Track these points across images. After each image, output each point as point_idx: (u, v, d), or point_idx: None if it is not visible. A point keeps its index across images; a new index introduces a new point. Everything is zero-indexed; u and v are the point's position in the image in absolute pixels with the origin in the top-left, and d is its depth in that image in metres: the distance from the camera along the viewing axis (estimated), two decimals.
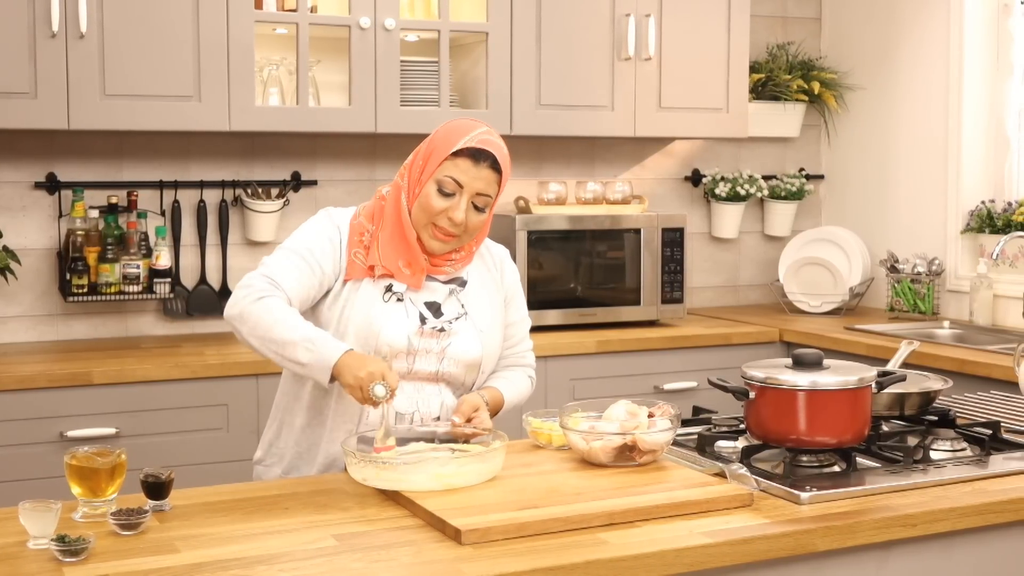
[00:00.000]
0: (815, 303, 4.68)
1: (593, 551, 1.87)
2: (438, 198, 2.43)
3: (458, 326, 2.52)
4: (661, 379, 4.10)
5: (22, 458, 3.32)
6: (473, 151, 2.43)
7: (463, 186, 2.43)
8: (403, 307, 2.47)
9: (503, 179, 2.48)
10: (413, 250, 2.48)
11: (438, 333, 2.50)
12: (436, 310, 2.51)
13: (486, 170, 2.44)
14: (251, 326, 2.35)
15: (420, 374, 2.50)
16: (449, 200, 2.43)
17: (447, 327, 2.51)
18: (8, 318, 3.88)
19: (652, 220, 4.31)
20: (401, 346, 2.46)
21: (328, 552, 1.87)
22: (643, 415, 2.34)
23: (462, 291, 2.55)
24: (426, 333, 2.48)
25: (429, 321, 2.49)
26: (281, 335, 2.32)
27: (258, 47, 3.86)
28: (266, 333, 2.33)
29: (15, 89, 3.49)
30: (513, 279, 2.68)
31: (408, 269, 2.48)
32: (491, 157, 2.44)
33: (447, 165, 2.43)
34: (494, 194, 2.48)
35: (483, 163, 2.43)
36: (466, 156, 2.43)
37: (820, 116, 5.09)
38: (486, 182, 2.44)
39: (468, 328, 2.53)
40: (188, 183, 4.03)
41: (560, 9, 4.16)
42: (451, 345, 2.50)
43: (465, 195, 2.43)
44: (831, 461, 2.32)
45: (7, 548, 1.89)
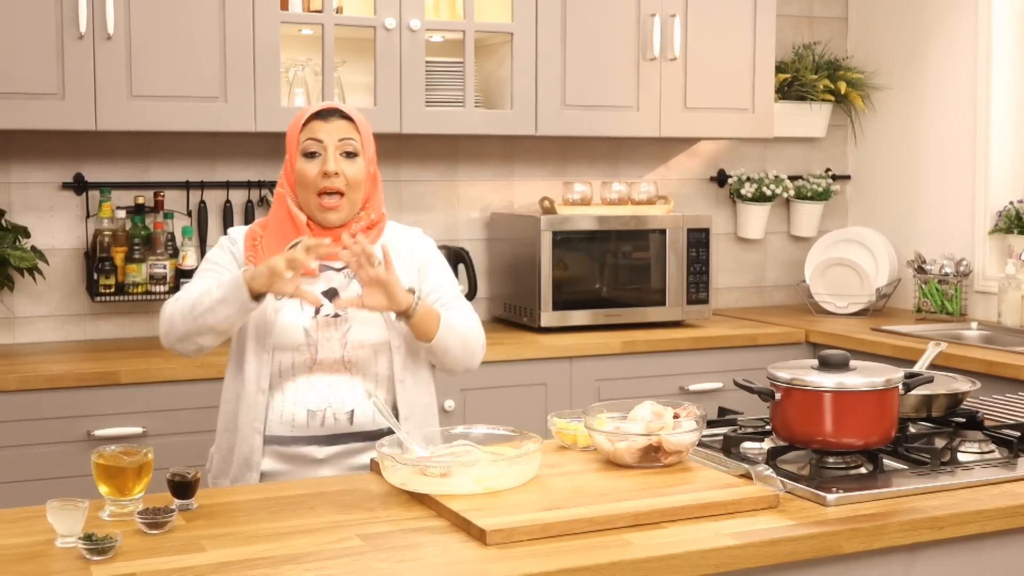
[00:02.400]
0: (841, 304, 4.65)
1: (618, 552, 1.87)
2: (308, 163, 2.53)
3: (356, 309, 2.51)
4: (686, 380, 4.09)
5: (50, 457, 3.34)
6: (317, 113, 2.56)
7: (322, 141, 2.52)
8: (297, 301, 2.50)
9: (359, 126, 2.56)
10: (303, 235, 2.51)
11: (334, 320, 2.52)
12: (332, 295, 2.53)
13: (337, 121, 2.54)
14: (175, 321, 2.47)
15: (325, 364, 2.51)
16: (317, 159, 2.52)
17: (342, 312, 2.52)
18: (36, 318, 3.91)
19: (677, 221, 4.30)
20: (298, 339, 2.50)
21: (353, 552, 1.88)
22: (668, 416, 2.34)
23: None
24: (322, 322, 2.51)
25: (324, 308, 2.51)
26: (192, 302, 2.44)
27: (284, 48, 3.87)
28: (185, 313, 2.44)
29: (43, 90, 3.51)
30: (425, 251, 2.68)
31: None
32: (336, 111, 2.56)
33: (303, 137, 2.54)
34: (357, 139, 2.55)
35: (331, 118, 2.55)
36: (313, 119, 2.55)
37: (847, 116, 5.07)
38: (343, 129, 2.54)
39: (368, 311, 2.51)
40: (214, 183, 4.05)
41: (585, 9, 4.15)
42: (351, 330, 2.52)
43: (329, 147, 2.52)
44: (858, 463, 2.31)
45: (35, 546, 1.90)
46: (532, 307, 4.15)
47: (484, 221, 4.48)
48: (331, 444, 2.52)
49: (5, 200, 3.84)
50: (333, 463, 2.53)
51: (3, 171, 3.85)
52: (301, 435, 2.51)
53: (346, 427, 2.53)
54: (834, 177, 5.03)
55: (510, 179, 4.51)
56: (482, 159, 4.47)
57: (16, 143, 3.85)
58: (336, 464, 2.53)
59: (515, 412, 3.76)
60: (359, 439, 2.54)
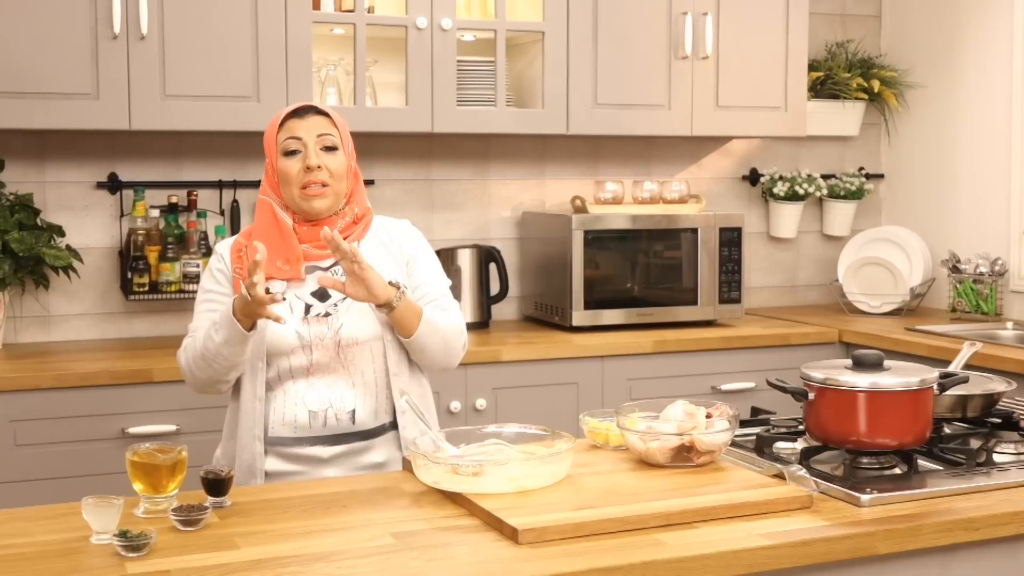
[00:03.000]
0: (875, 303, 4.63)
1: (650, 552, 1.86)
2: (289, 161, 2.56)
3: (346, 306, 2.54)
4: (718, 379, 4.08)
5: (85, 454, 3.36)
6: (291, 112, 2.59)
7: (302, 138, 2.55)
8: (286, 305, 2.52)
9: (336, 121, 2.59)
10: (288, 241, 2.55)
11: (325, 318, 2.53)
12: (322, 296, 2.55)
13: (312, 116, 2.57)
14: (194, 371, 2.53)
15: (322, 364, 2.52)
16: (298, 156, 2.55)
17: (333, 310, 2.53)
18: (71, 316, 3.94)
19: (709, 220, 4.28)
20: (292, 342, 2.51)
21: (386, 550, 1.88)
22: (701, 416, 2.33)
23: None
24: (313, 321, 2.52)
25: (314, 308, 2.52)
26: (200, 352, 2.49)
27: (316, 48, 3.88)
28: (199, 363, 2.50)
29: (77, 90, 3.54)
30: (413, 244, 2.69)
31: (286, 265, 2.55)
32: (310, 108, 2.59)
33: (281, 134, 2.57)
34: (336, 133, 2.57)
35: (306, 115, 2.57)
36: (289, 118, 2.58)
37: (880, 114, 5.03)
38: (321, 125, 2.56)
39: (358, 305, 2.52)
40: (247, 183, 4.06)
41: (617, 8, 4.14)
42: (343, 326, 2.53)
43: (309, 143, 2.54)
44: (892, 463, 2.30)
45: (70, 543, 1.92)
46: (563, 306, 4.15)
47: (515, 220, 4.48)
48: (335, 444, 2.53)
49: (40, 199, 3.87)
50: (338, 462, 2.54)
51: (38, 171, 3.88)
52: (304, 436, 2.53)
53: (348, 426, 2.54)
54: (867, 176, 5.00)
55: (541, 178, 4.51)
56: (513, 158, 4.47)
57: (51, 143, 3.89)
58: (342, 463, 2.54)
59: (546, 411, 3.76)
60: (362, 437, 2.55)
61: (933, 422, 2.33)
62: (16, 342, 3.85)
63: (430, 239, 4.24)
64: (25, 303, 3.88)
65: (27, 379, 3.33)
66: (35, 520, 2.04)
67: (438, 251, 4.12)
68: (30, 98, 3.50)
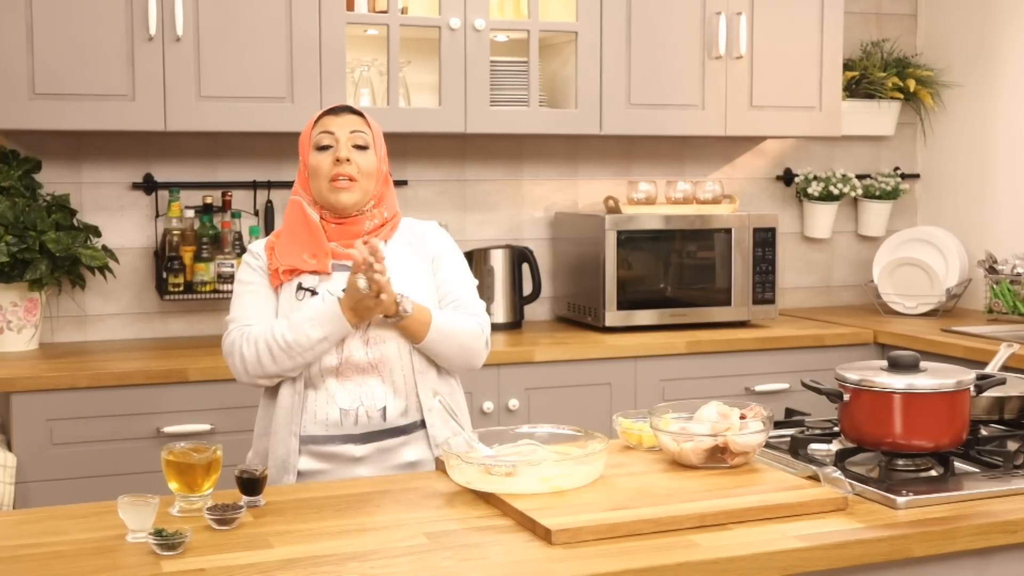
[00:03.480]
0: (910, 304, 4.59)
1: (684, 553, 1.86)
2: (321, 155, 2.60)
3: None
4: (752, 380, 4.06)
5: (120, 453, 3.39)
6: (328, 110, 2.65)
7: (335, 133, 2.60)
8: (318, 299, 2.54)
9: (370, 122, 2.63)
10: (316, 236, 2.58)
11: None
12: None
13: (347, 115, 2.63)
14: (262, 361, 2.51)
15: (352, 363, 2.53)
16: (329, 151, 2.59)
17: None
18: (107, 316, 3.96)
19: (743, 220, 4.27)
20: None
21: (419, 550, 1.88)
22: (735, 417, 2.32)
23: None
24: None
25: None
26: (288, 343, 2.49)
27: (349, 48, 3.89)
28: (279, 355, 2.50)
29: (114, 91, 3.56)
30: (438, 242, 2.71)
31: (313, 259, 2.58)
32: (347, 107, 2.66)
33: (315, 132, 2.62)
34: (368, 133, 2.61)
35: (342, 113, 2.63)
36: (325, 115, 2.64)
37: (916, 114, 5.00)
38: (354, 123, 2.61)
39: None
40: (281, 183, 4.08)
41: (650, 8, 4.13)
42: (371, 325, 2.55)
43: (341, 139, 2.59)
44: (928, 465, 2.28)
45: (107, 541, 1.93)
46: (596, 307, 4.14)
47: (548, 220, 4.48)
48: (367, 442, 2.55)
49: (77, 200, 3.90)
50: (370, 461, 2.55)
51: (75, 171, 3.91)
52: (336, 434, 2.54)
53: (379, 424, 2.55)
54: (903, 176, 4.97)
55: (574, 178, 4.51)
56: (546, 158, 4.47)
57: (87, 144, 3.92)
58: (374, 462, 2.55)
59: (579, 412, 3.75)
60: (394, 435, 2.57)
61: (970, 424, 2.31)
62: (53, 342, 3.89)
63: (463, 239, 4.29)
64: (62, 303, 3.91)
65: (63, 378, 3.36)
66: (71, 518, 2.06)
67: (470, 251, 4.13)
68: (67, 100, 3.53)
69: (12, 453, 3.25)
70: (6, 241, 3.57)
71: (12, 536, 1.98)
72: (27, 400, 3.31)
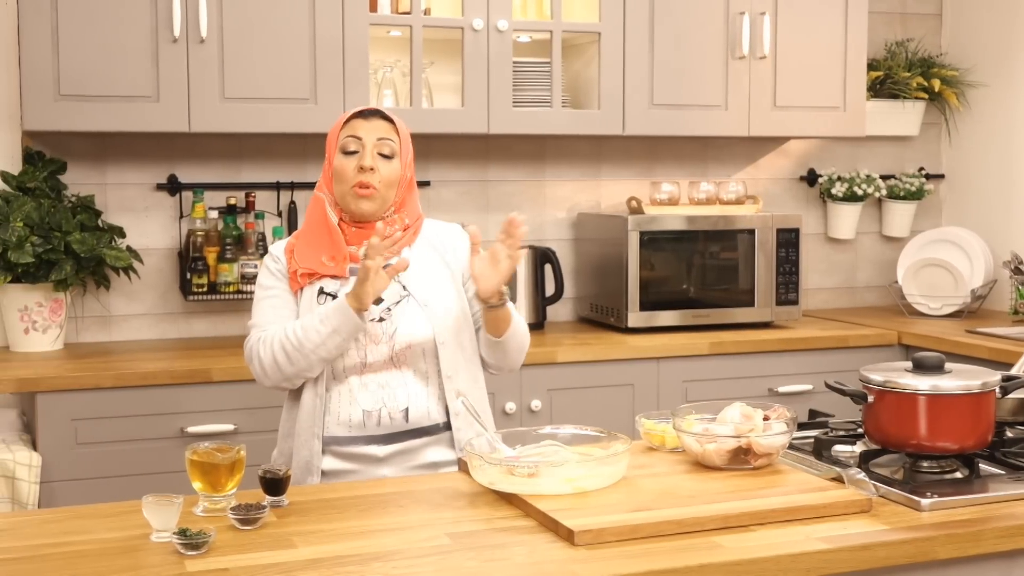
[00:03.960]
0: (935, 305, 4.57)
1: (707, 554, 1.85)
2: (346, 159, 2.59)
3: (400, 309, 2.57)
4: (775, 381, 4.05)
5: (144, 453, 3.40)
6: (358, 112, 2.63)
7: (362, 139, 2.59)
8: None
9: (399, 129, 2.61)
10: (335, 239, 2.59)
11: (380, 322, 2.55)
12: (376, 299, 2.54)
13: (376, 120, 2.61)
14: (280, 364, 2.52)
15: (376, 365, 2.54)
16: (355, 156, 2.58)
17: (387, 314, 2.56)
18: (131, 316, 3.98)
19: (766, 220, 4.25)
20: None
21: (442, 550, 1.88)
22: (758, 418, 2.31)
23: (403, 273, 2.56)
24: (369, 326, 2.54)
25: (367, 313, 2.52)
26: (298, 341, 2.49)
27: (373, 49, 3.90)
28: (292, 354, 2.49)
29: (138, 93, 3.58)
30: (465, 252, 2.69)
31: (331, 262, 2.58)
32: (377, 112, 2.64)
33: (343, 135, 2.61)
34: (396, 140, 2.60)
35: (372, 117, 2.62)
36: (354, 118, 2.62)
37: (940, 114, 4.97)
38: (382, 130, 2.60)
39: (411, 307, 2.56)
40: (304, 184, 4.09)
41: (673, 8, 4.13)
42: (397, 330, 2.55)
43: (367, 145, 2.58)
44: (953, 467, 2.27)
45: (131, 540, 1.94)
46: (619, 307, 4.14)
47: (571, 221, 4.48)
48: (390, 443, 2.55)
49: (102, 201, 3.92)
50: (394, 461, 2.56)
51: (99, 172, 3.93)
52: (359, 435, 2.55)
53: (402, 425, 2.56)
54: (928, 176, 4.95)
55: (597, 179, 4.50)
56: (569, 159, 4.46)
57: (112, 145, 3.93)
58: (397, 462, 2.56)
59: (602, 413, 3.75)
60: (416, 436, 2.57)
61: (995, 426, 2.30)
62: (77, 342, 3.91)
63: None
64: (86, 303, 3.93)
65: (88, 378, 3.38)
66: (96, 518, 2.07)
67: None
68: (92, 101, 3.55)
69: (37, 453, 3.27)
70: (32, 242, 3.59)
71: (37, 535, 1.99)
72: (52, 400, 3.33)
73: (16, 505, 3.18)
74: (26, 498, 3.18)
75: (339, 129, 2.62)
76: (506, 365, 2.68)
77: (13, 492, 3.18)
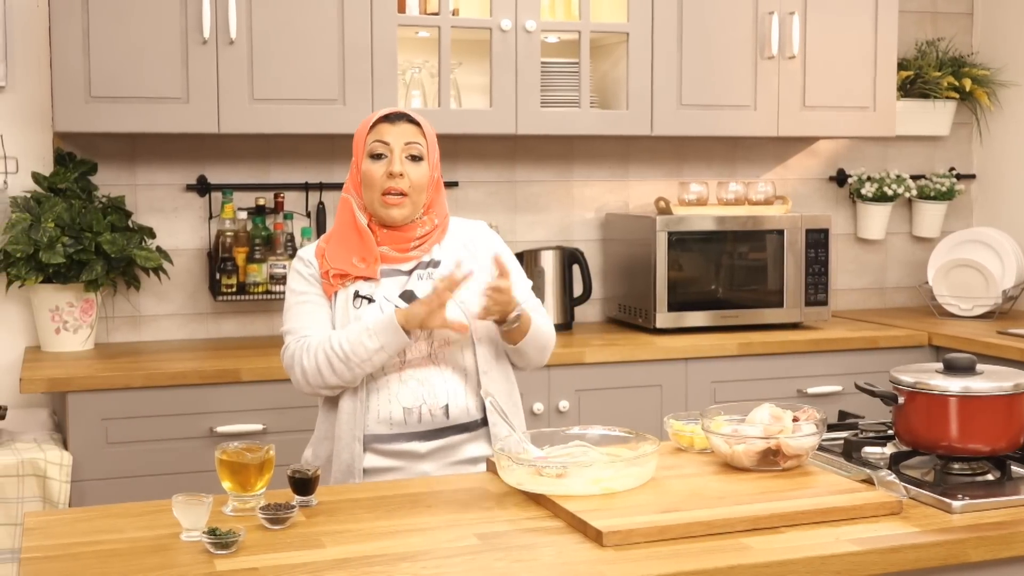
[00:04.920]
0: (966, 306, 4.54)
1: (736, 556, 1.85)
2: (374, 165, 2.59)
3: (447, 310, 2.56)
4: (804, 383, 4.03)
5: (174, 452, 3.42)
6: (385, 116, 2.64)
7: (390, 143, 2.60)
8: (376, 307, 2.57)
9: (425, 131, 2.61)
10: (366, 240, 2.60)
11: None
12: (410, 297, 2.58)
13: (404, 124, 2.62)
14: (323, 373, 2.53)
15: (415, 362, 2.56)
16: (383, 161, 2.59)
17: None
18: (161, 316, 4.00)
19: (796, 221, 4.23)
20: None
21: (470, 551, 1.88)
22: (788, 419, 2.30)
23: (436, 271, 2.61)
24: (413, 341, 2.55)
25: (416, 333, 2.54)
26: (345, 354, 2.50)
27: (401, 50, 3.91)
28: (338, 366, 2.51)
29: (168, 94, 3.60)
30: (493, 248, 2.70)
31: (362, 263, 2.59)
32: (404, 115, 2.64)
33: (370, 139, 2.62)
34: (423, 143, 2.60)
35: (399, 121, 2.62)
36: (381, 122, 2.63)
37: (971, 114, 4.94)
38: (410, 133, 2.61)
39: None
40: (332, 185, 4.10)
41: (702, 8, 4.11)
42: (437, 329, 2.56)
43: (395, 149, 2.59)
44: (984, 469, 2.25)
45: (161, 539, 1.95)
46: (647, 308, 4.13)
47: (599, 222, 4.47)
48: (431, 439, 2.57)
49: (132, 202, 3.94)
50: (435, 457, 2.57)
51: (130, 173, 3.96)
52: (400, 432, 2.56)
53: (443, 421, 2.57)
54: (958, 176, 4.91)
55: (625, 179, 4.50)
56: (597, 159, 4.46)
57: (142, 146, 3.96)
58: (438, 457, 2.57)
59: (630, 413, 3.74)
60: (457, 431, 2.59)
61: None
62: (108, 342, 3.93)
63: (513, 240, 4.29)
64: (117, 304, 3.95)
65: (118, 378, 3.40)
66: (127, 517, 2.08)
67: (521, 252, 4.13)
68: (122, 102, 3.57)
69: (68, 452, 3.29)
70: (63, 242, 3.62)
71: (69, 534, 2.00)
72: (83, 400, 3.36)
73: (47, 504, 3.21)
74: (57, 497, 3.21)
75: (365, 133, 2.62)
76: (528, 365, 2.70)
77: (44, 491, 3.20)
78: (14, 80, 3.83)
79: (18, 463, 3.19)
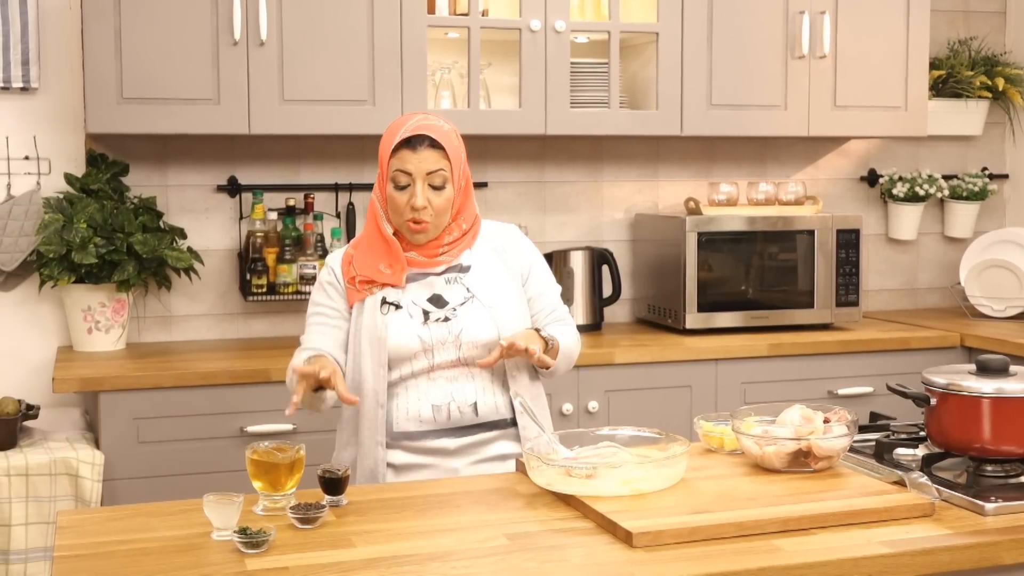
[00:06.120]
0: (998, 307, 4.51)
1: (767, 558, 1.84)
2: (398, 194, 2.57)
3: (465, 310, 2.59)
4: (835, 384, 4.01)
5: (205, 452, 3.43)
6: (406, 140, 2.56)
7: (411, 173, 2.55)
8: (404, 312, 2.58)
9: (449, 152, 2.57)
10: (393, 248, 2.60)
11: (445, 323, 2.57)
12: (439, 301, 2.59)
13: (425, 151, 2.55)
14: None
15: (443, 365, 2.57)
16: (406, 192, 2.56)
17: (452, 314, 2.58)
18: (192, 316, 4.02)
19: (826, 221, 4.21)
20: (414, 347, 2.56)
21: (500, 551, 1.88)
22: (819, 420, 2.29)
23: (465, 276, 2.62)
24: (433, 325, 2.56)
25: (433, 314, 2.57)
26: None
27: (430, 51, 3.91)
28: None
29: (199, 95, 3.62)
30: (527, 255, 2.72)
31: (389, 269, 2.60)
32: (425, 139, 2.56)
33: (393, 162, 2.57)
34: (446, 168, 2.57)
35: (420, 147, 2.55)
36: (403, 147, 2.56)
37: (1004, 113, 4.90)
38: (431, 161, 2.55)
39: (476, 309, 2.58)
40: (362, 185, 4.11)
41: (732, 8, 4.10)
42: (463, 331, 2.57)
43: (417, 180, 2.55)
44: (1017, 471, 2.23)
45: (192, 539, 1.96)
46: (677, 309, 4.12)
47: (628, 222, 4.46)
48: (460, 436, 2.57)
49: (163, 202, 3.96)
50: (464, 453, 2.58)
51: (161, 174, 3.98)
52: (429, 429, 2.57)
53: (472, 418, 2.57)
54: (991, 176, 4.88)
55: (655, 180, 4.49)
56: (627, 160, 4.45)
57: (173, 147, 3.98)
58: (467, 454, 2.58)
59: (660, 414, 3.73)
60: (486, 429, 2.59)
61: None
62: (139, 342, 3.95)
63: (542, 241, 4.29)
64: (148, 304, 3.98)
65: (149, 378, 3.42)
66: (158, 516, 2.09)
67: (550, 253, 4.13)
68: (154, 104, 3.59)
69: (100, 451, 3.31)
70: (95, 243, 3.64)
71: (101, 532, 2.01)
72: (114, 399, 3.38)
73: (79, 503, 3.23)
74: (89, 496, 3.23)
75: (389, 154, 2.57)
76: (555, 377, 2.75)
77: (76, 490, 3.23)
78: (47, 82, 3.85)
79: (51, 462, 3.22)
